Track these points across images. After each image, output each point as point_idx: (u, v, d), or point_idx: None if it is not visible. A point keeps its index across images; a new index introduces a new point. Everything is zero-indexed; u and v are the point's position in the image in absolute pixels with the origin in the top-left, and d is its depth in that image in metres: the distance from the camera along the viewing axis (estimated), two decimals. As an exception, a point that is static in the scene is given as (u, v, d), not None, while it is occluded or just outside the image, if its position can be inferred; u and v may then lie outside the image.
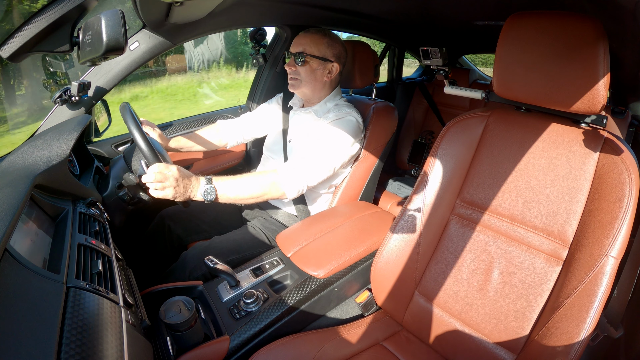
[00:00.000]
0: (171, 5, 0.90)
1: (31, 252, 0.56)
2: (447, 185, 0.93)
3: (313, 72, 1.24)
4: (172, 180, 0.92)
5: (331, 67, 1.25)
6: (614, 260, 0.66)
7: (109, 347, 0.48)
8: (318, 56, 1.22)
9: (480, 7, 1.26)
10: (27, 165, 0.74)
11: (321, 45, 1.23)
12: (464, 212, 0.92)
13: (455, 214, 0.93)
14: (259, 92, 1.74)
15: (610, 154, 0.73)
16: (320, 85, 1.27)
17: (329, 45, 1.23)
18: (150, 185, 0.92)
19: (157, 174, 0.90)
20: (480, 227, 0.89)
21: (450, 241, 0.92)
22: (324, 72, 1.25)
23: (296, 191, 1.12)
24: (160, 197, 0.93)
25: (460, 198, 0.93)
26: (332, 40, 1.24)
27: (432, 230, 0.93)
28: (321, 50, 1.22)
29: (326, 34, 1.25)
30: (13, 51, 0.77)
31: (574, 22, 0.70)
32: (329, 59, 1.24)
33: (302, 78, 1.25)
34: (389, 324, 0.99)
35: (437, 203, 0.93)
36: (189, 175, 0.97)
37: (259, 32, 1.57)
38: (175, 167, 0.94)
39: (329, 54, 1.23)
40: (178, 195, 0.94)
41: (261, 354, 0.80)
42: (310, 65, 1.23)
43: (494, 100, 0.95)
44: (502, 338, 0.80)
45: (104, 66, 1.13)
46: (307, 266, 0.97)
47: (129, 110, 0.96)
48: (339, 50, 1.26)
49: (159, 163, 0.92)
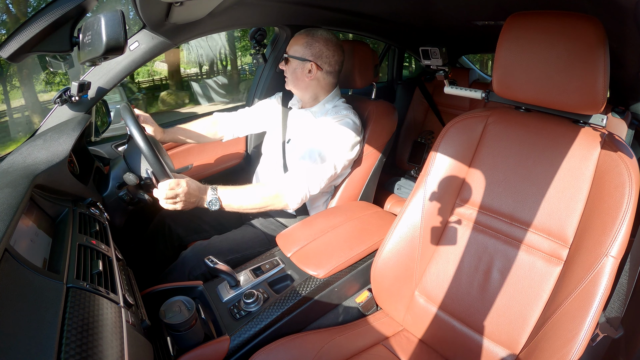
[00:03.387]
0: (171, 5, 0.90)
1: (31, 252, 0.56)
2: (447, 185, 0.93)
3: (294, 71, 1.25)
4: (182, 196, 0.97)
5: (310, 66, 1.23)
6: (614, 260, 0.66)
7: (109, 347, 0.48)
8: (295, 56, 1.23)
9: (480, 7, 1.26)
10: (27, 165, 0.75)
11: (299, 45, 1.23)
12: (464, 212, 0.92)
13: (455, 214, 0.93)
14: (259, 92, 1.73)
15: (610, 154, 0.72)
16: (304, 84, 1.27)
17: (308, 45, 1.23)
18: (162, 201, 0.97)
19: (169, 191, 0.95)
20: (480, 227, 0.89)
21: (451, 241, 0.92)
22: (303, 71, 1.24)
23: (299, 202, 1.14)
24: (171, 210, 0.99)
25: (460, 198, 0.93)
26: (312, 40, 1.23)
27: (432, 230, 0.93)
28: (298, 50, 1.23)
29: (308, 34, 1.24)
30: (13, 51, 0.77)
31: (574, 22, 0.70)
32: (306, 58, 1.23)
33: (288, 77, 1.28)
34: (389, 324, 0.99)
35: (437, 203, 0.93)
36: (197, 187, 1.01)
37: (259, 32, 1.57)
38: (185, 181, 0.98)
39: (307, 54, 1.23)
40: (186, 207, 1.00)
41: (261, 354, 0.80)
42: (290, 64, 1.25)
43: (494, 100, 0.95)
44: (502, 338, 0.80)
45: (104, 66, 1.13)
46: (307, 266, 0.97)
47: (129, 111, 0.96)
48: (318, 49, 1.23)
49: (170, 180, 0.95)
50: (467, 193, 0.92)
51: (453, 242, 0.92)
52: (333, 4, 1.39)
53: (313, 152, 1.17)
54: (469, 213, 0.91)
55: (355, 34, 1.98)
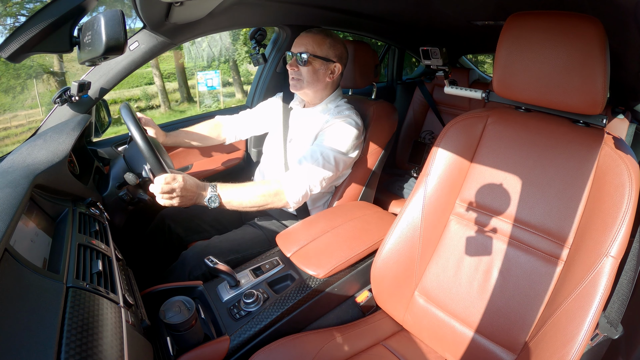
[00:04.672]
0: (171, 5, 0.90)
1: (31, 252, 0.56)
2: (447, 185, 0.93)
3: (315, 72, 1.23)
4: (178, 191, 0.95)
5: (333, 67, 1.25)
6: (614, 260, 0.66)
7: (108, 347, 0.48)
8: (321, 56, 1.22)
9: (480, 7, 1.26)
10: (27, 165, 0.75)
11: (324, 45, 1.22)
12: (464, 212, 0.92)
13: (455, 214, 0.93)
14: (259, 92, 1.73)
15: (610, 154, 0.72)
16: (322, 85, 1.27)
17: (332, 46, 1.23)
18: (158, 195, 0.95)
19: (165, 185, 0.93)
20: (480, 227, 0.89)
21: (450, 241, 0.92)
22: (326, 72, 1.25)
23: (299, 200, 1.14)
24: (167, 205, 0.97)
25: (460, 198, 0.93)
26: (334, 41, 1.24)
27: (432, 230, 0.93)
28: (324, 50, 1.22)
29: (328, 35, 1.25)
30: (13, 51, 0.77)
31: (574, 22, 0.70)
32: (331, 59, 1.23)
33: (304, 78, 1.24)
34: (389, 324, 0.99)
35: (437, 203, 0.93)
36: (194, 184, 1.00)
37: (259, 32, 1.57)
38: (181, 176, 0.96)
39: (331, 55, 1.23)
40: (184, 204, 0.98)
41: (261, 354, 0.80)
42: (313, 65, 1.22)
43: (494, 100, 0.95)
44: (502, 338, 0.80)
45: (104, 66, 1.13)
46: (307, 266, 0.97)
47: (129, 111, 0.96)
48: (340, 50, 1.26)
49: (166, 174, 0.94)
50: (467, 193, 0.92)
51: (453, 242, 0.92)
52: (333, 4, 1.39)
53: (315, 151, 1.17)
54: (469, 213, 0.91)
55: (356, 34, 1.98)
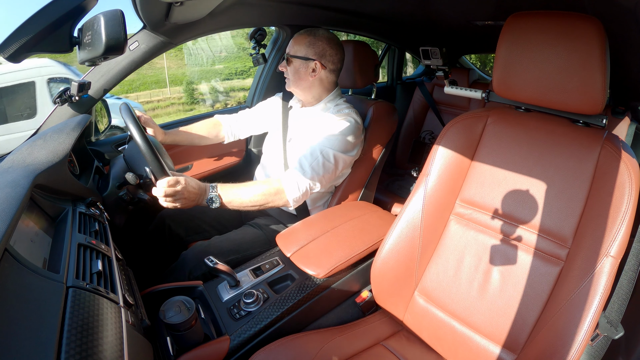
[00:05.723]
0: (171, 5, 0.90)
1: (31, 252, 0.56)
2: (447, 185, 0.93)
3: (297, 71, 1.25)
4: (181, 194, 0.97)
5: (314, 65, 1.24)
6: (614, 260, 0.66)
7: (108, 347, 0.48)
8: (299, 56, 1.23)
9: (480, 7, 1.26)
10: (27, 165, 0.75)
11: (302, 44, 1.24)
12: (463, 212, 0.92)
13: (455, 214, 0.93)
14: (259, 92, 1.74)
15: (610, 154, 0.72)
16: (307, 84, 1.27)
17: (311, 44, 1.23)
18: (160, 198, 0.96)
19: (168, 188, 0.94)
20: (480, 227, 0.89)
21: (450, 241, 0.92)
22: (307, 71, 1.25)
23: (299, 199, 1.15)
24: (170, 207, 0.98)
25: (460, 198, 0.93)
26: (314, 39, 1.24)
27: (432, 230, 0.93)
28: (302, 49, 1.23)
29: (310, 33, 1.25)
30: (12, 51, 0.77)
31: (574, 22, 0.70)
32: (310, 57, 1.23)
33: (290, 77, 1.28)
34: (389, 324, 0.99)
35: (437, 203, 0.93)
36: (196, 185, 1.01)
37: (259, 32, 1.57)
38: (183, 179, 0.97)
39: (310, 53, 1.23)
40: (186, 205, 0.99)
41: (261, 354, 0.80)
42: (293, 65, 1.25)
43: (493, 100, 0.95)
44: (502, 338, 0.80)
45: (104, 66, 1.13)
46: (307, 266, 0.97)
47: (129, 111, 0.96)
48: (322, 48, 1.24)
49: (168, 178, 0.95)
50: (467, 193, 0.92)
51: (453, 242, 0.92)
52: (333, 4, 1.40)
53: (315, 149, 1.17)
54: (469, 213, 0.91)
55: (356, 34, 1.98)
